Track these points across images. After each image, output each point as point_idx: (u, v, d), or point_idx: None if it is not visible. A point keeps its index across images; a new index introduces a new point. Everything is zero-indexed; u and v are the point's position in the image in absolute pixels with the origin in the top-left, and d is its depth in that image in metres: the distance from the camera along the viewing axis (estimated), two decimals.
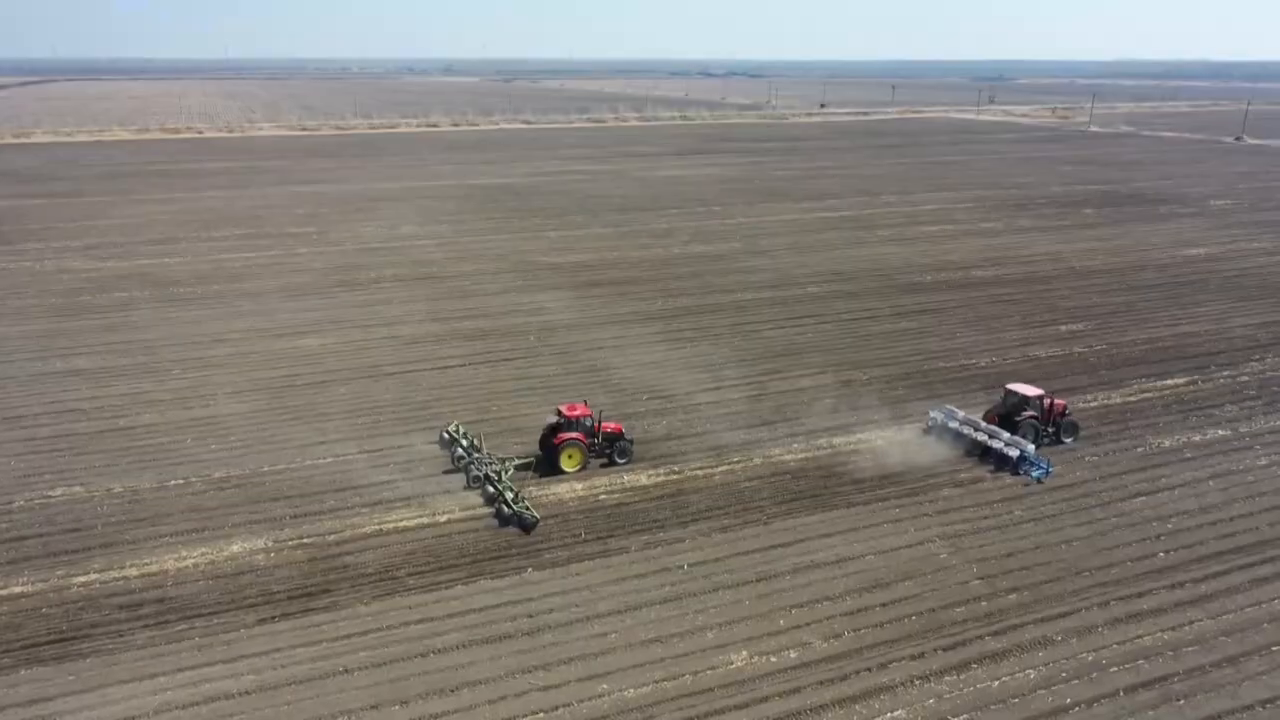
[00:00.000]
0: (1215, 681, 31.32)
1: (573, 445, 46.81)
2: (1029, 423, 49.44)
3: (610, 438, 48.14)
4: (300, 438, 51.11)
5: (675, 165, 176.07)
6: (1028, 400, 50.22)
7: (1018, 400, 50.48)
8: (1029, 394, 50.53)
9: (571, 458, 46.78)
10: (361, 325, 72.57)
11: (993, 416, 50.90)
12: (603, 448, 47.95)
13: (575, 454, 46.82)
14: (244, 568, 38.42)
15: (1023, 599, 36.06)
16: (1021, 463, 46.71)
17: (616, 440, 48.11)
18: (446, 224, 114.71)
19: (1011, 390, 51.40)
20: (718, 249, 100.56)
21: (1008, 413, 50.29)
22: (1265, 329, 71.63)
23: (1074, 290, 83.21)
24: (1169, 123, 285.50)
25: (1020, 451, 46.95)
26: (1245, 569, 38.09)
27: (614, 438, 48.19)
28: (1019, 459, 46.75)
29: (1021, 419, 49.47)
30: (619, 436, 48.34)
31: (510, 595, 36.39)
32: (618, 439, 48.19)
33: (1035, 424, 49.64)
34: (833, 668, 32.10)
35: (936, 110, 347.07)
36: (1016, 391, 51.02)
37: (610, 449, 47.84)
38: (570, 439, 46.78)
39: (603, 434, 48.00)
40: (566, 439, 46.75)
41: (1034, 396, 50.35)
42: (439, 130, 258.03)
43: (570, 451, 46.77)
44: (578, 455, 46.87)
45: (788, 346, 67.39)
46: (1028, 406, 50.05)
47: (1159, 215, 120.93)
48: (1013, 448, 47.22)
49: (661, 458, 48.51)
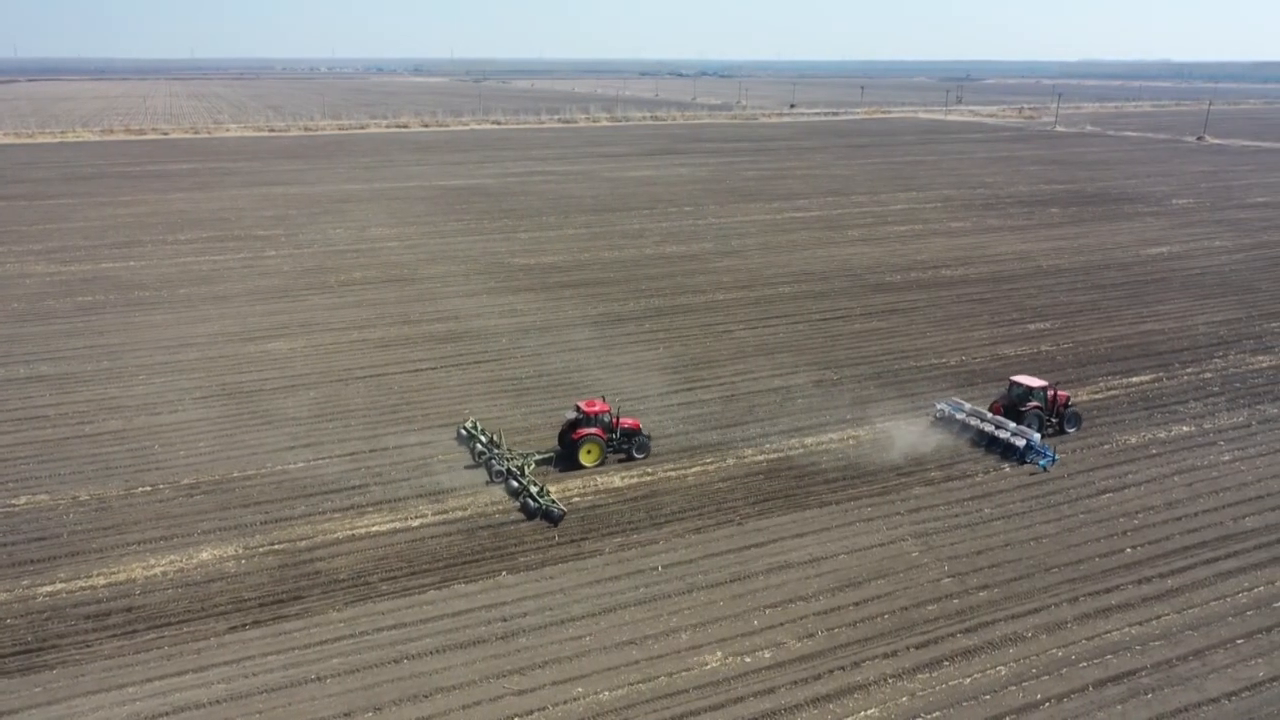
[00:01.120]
0: (1182, 675, 31.80)
1: (591, 441, 47.50)
2: (1033, 413, 50.86)
3: (628, 433, 49.00)
4: (270, 443, 50.65)
5: (646, 166, 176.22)
6: (1032, 391, 51.65)
7: (1023, 391, 51.85)
8: (1033, 385, 51.93)
9: (590, 453, 47.52)
10: (331, 328, 72.03)
11: (998, 407, 52.39)
12: (620, 443, 48.78)
13: (594, 449, 47.58)
14: (214, 575, 38.01)
15: (993, 596, 36.43)
16: (1028, 452, 48.06)
17: (634, 436, 48.99)
18: (416, 226, 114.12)
19: (1016, 381, 52.67)
20: (689, 249, 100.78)
21: (1012, 403, 51.75)
22: (1227, 326, 72.83)
23: (1040, 289, 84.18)
24: (1132, 122, 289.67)
25: (1027, 441, 48.36)
26: (1210, 563, 38.70)
27: (631, 433, 49.05)
28: (1025, 448, 48.11)
29: (1026, 409, 50.95)
30: (636, 432, 49.21)
31: (484, 599, 36.27)
32: (635, 434, 49.06)
33: (1040, 414, 51.05)
34: (807, 667, 32.26)
35: (905, 110, 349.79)
36: (1021, 383, 52.31)
37: (628, 444, 48.73)
38: (589, 434, 47.48)
39: (620, 430, 48.83)
40: (585, 434, 47.45)
41: (1038, 387, 51.83)
42: (408, 131, 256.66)
43: (589, 447, 47.48)
44: (596, 450, 47.63)
45: (759, 347, 67.65)
46: (1032, 397, 51.51)
47: (1123, 214, 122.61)
48: (1019, 437, 48.64)
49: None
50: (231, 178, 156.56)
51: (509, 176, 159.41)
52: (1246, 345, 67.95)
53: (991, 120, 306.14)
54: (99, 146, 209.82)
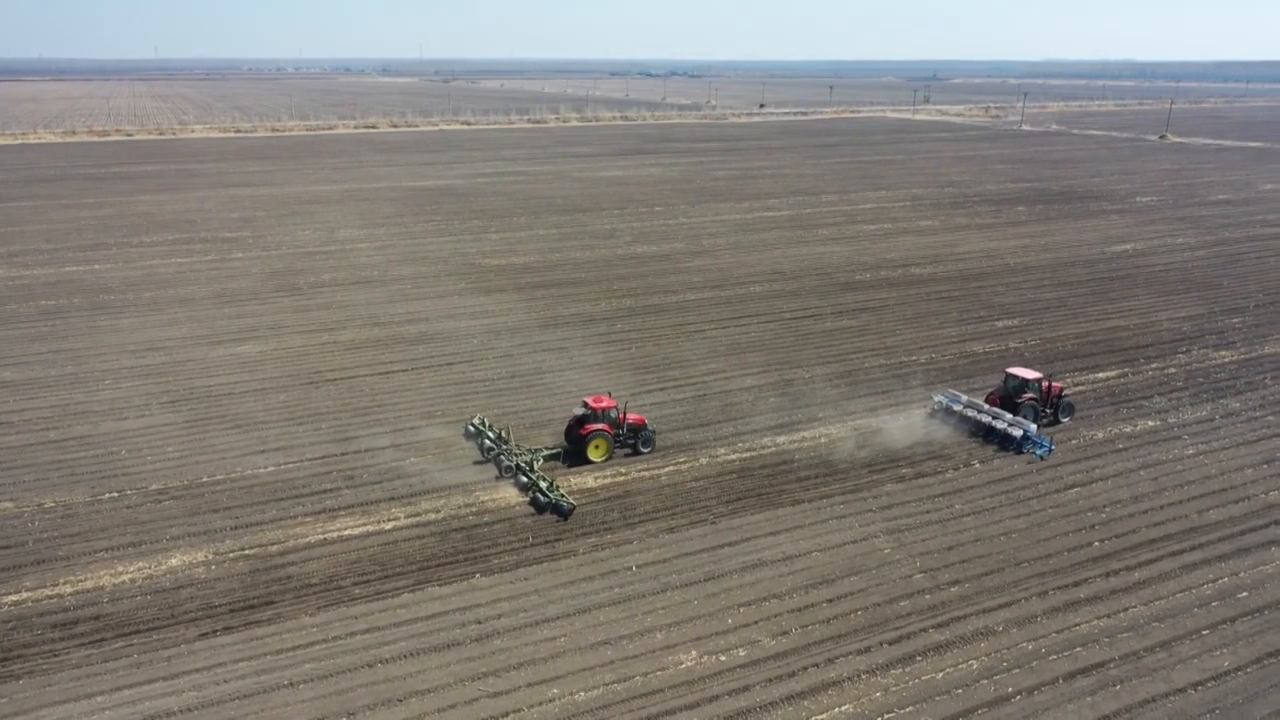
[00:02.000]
0: (1149, 666, 32.28)
1: (599, 436, 48.13)
2: (1029, 404, 51.79)
3: (634, 429, 49.64)
4: (240, 447, 50.16)
5: (617, 166, 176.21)
6: (1027, 383, 52.57)
7: (1018, 383, 52.80)
8: (1028, 377, 52.87)
9: (598, 448, 48.18)
10: (300, 331, 71.44)
11: (994, 398, 53.35)
12: (627, 438, 49.47)
13: (602, 444, 48.22)
14: (183, 581, 37.60)
15: (964, 591, 36.79)
16: (1025, 442, 49.05)
17: (640, 430, 49.61)
18: (386, 227, 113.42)
19: (1012, 374, 53.62)
20: (660, 249, 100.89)
21: (1008, 395, 52.66)
22: (1190, 322, 73.97)
23: (1008, 286, 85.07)
24: (1096, 121, 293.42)
25: (1024, 431, 49.26)
26: (1175, 556, 39.31)
27: (637, 428, 49.70)
28: (1023, 438, 49.08)
29: (1022, 401, 51.91)
30: (642, 427, 49.82)
31: (458, 602, 36.14)
32: (641, 429, 49.69)
33: (1035, 405, 52.03)
34: (781, 665, 32.42)
35: (873, 110, 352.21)
36: (1017, 375, 53.27)
37: (634, 439, 49.39)
38: (597, 430, 48.07)
39: (627, 425, 49.38)
40: (593, 430, 48.07)
41: (1033, 379, 52.73)
42: (377, 131, 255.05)
43: (597, 442, 48.12)
44: (604, 446, 48.26)
45: (731, 346, 67.86)
46: (1027, 389, 52.39)
47: (1088, 212, 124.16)
48: (1016, 428, 49.55)
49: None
50: (197, 179, 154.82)
51: (479, 177, 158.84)
52: (1209, 340, 69.05)
53: (959, 120, 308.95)
54: (61, 148, 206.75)
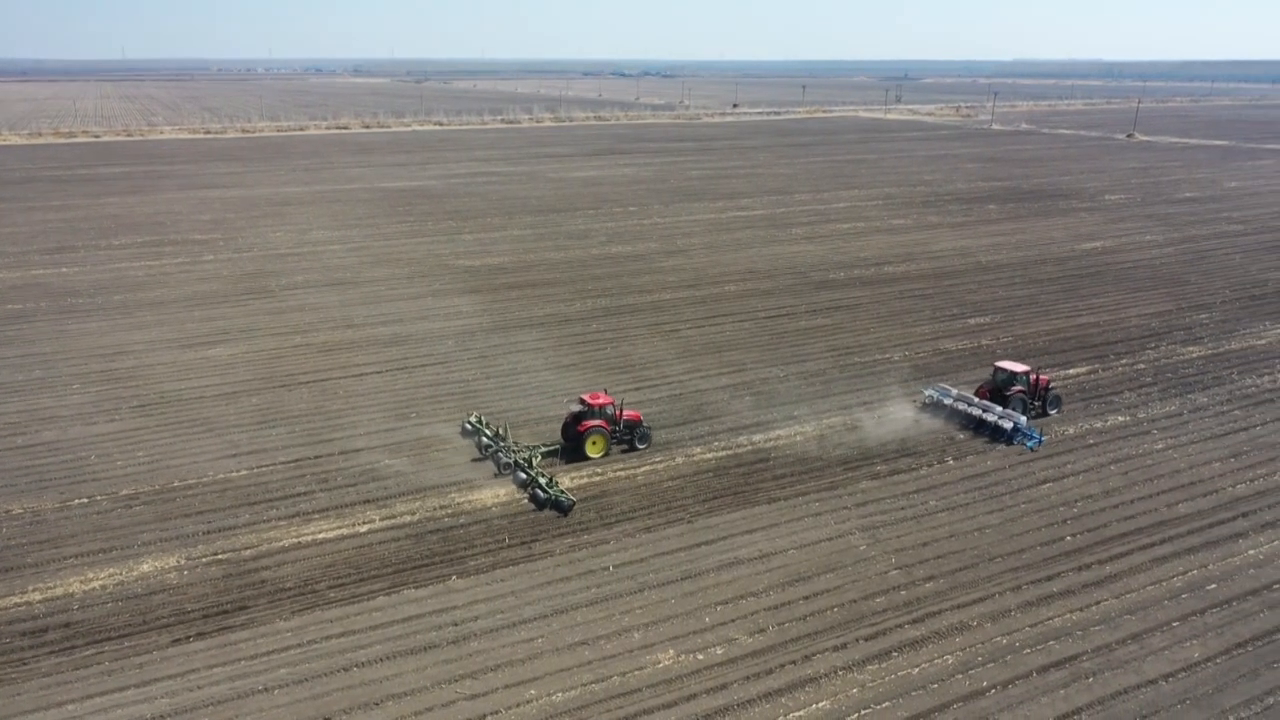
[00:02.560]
0: (1121, 659, 32.64)
1: (597, 432, 48.38)
2: (1018, 396, 52.61)
3: (630, 425, 49.84)
4: (212, 450, 49.67)
5: (591, 166, 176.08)
6: (1016, 375, 53.40)
7: (1007, 376, 53.63)
8: (1017, 370, 53.80)
9: (596, 444, 48.41)
10: (273, 333, 70.85)
11: (984, 391, 54.11)
12: (623, 434, 49.63)
13: (599, 440, 48.47)
14: (155, 587, 37.18)
15: (939, 586, 37.04)
16: (1015, 434, 49.83)
17: (636, 427, 49.85)
18: (358, 228, 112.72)
19: (1000, 367, 54.49)
20: (635, 249, 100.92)
21: (997, 387, 53.51)
22: (1158, 318, 74.90)
23: (980, 284, 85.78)
24: (1065, 120, 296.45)
25: (1014, 423, 50.07)
26: (1146, 549, 39.78)
27: (634, 425, 49.91)
28: (1013, 430, 49.88)
29: (1011, 393, 52.77)
30: (638, 423, 50.06)
31: (434, 604, 35.97)
32: (637, 426, 49.93)
33: (1024, 398, 52.83)
34: (758, 662, 32.51)
35: (846, 109, 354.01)
36: (1005, 368, 54.10)
37: (631, 435, 49.62)
38: (594, 426, 48.30)
39: (623, 421, 49.56)
40: (591, 426, 48.27)
41: (1021, 372, 53.57)
42: (349, 132, 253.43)
43: (595, 438, 48.35)
44: (601, 442, 48.51)
45: (706, 345, 67.98)
46: (1016, 381, 53.24)
47: (1058, 210, 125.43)
48: (1006, 420, 50.37)
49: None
50: (167, 181, 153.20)
51: (452, 178, 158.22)
52: (1177, 336, 69.95)
53: (930, 119, 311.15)
54: (27, 150, 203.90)
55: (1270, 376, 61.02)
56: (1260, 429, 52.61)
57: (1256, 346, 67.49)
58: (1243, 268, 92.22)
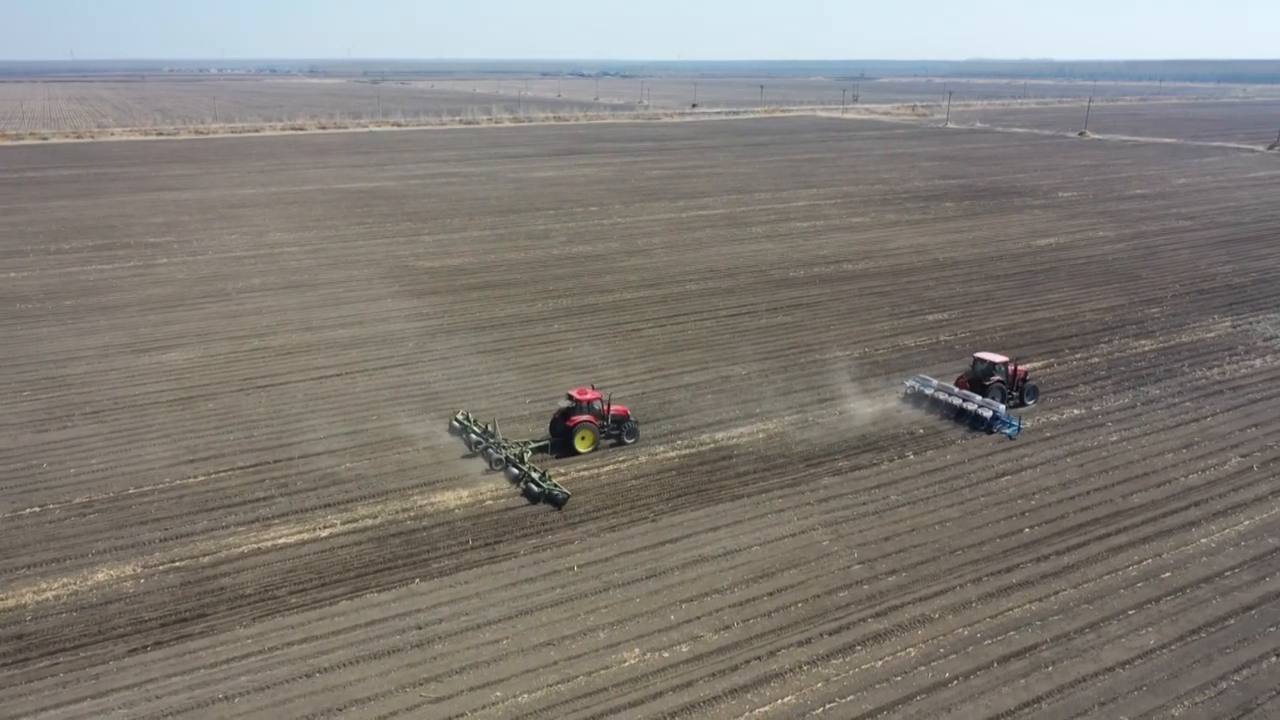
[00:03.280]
0: (1079, 647, 33.18)
1: (585, 428, 48.66)
2: (996, 386, 54.00)
3: (618, 419, 50.18)
4: (168, 457, 48.86)
5: (550, 166, 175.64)
6: (994, 366, 54.70)
7: (986, 366, 54.99)
8: (995, 360, 55.13)
9: (584, 439, 48.67)
10: (230, 337, 69.86)
11: (963, 381, 55.45)
12: (611, 429, 49.92)
13: (588, 435, 48.73)
14: (111, 596, 36.50)
15: (901, 580, 37.41)
16: (995, 422, 51.05)
17: (624, 422, 50.23)
18: (316, 230, 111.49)
19: (980, 358, 55.84)
20: (595, 249, 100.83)
21: (977, 378, 54.81)
22: (1111, 313, 76.24)
23: (938, 281, 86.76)
24: (1019, 119, 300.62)
25: (993, 412, 51.32)
26: (1102, 539, 40.48)
27: (621, 419, 50.26)
28: (992, 419, 51.10)
29: (990, 383, 54.10)
30: (625, 418, 50.43)
31: (397, 608, 35.67)
32: (625, 420, 50.31)
33: (1002, 387, 54.24)
34: (724, 659, 32.62)
35: (803, 109, 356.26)
36: (984, 359, 55.47)
37: (619, 430, 50.02)
38: (583, 421, 48.60)
39: (611, 416, 49.76)
40: (579, 421, 48.60)
41: (1000, 363, 54.88)
42: (305, 133, 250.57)
43: (583, 433, 48.61)
44: (590, 436, 48.78)
45: (668, 344, 68.10)
46: (995, 372, 54.55)
47: (1013, 207, 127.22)
48: (986, 409, 51.61)
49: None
50: (118, 183, 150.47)
51: (411, 179, 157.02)
52: (1129, 330, 71.25)
53: (887, 118, 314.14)
54: None
55: (1219, 368, 62.36)
56: (1210, 420, 53.75)
57: (1206, 339, 68.93)
58: (1191, 263, 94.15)
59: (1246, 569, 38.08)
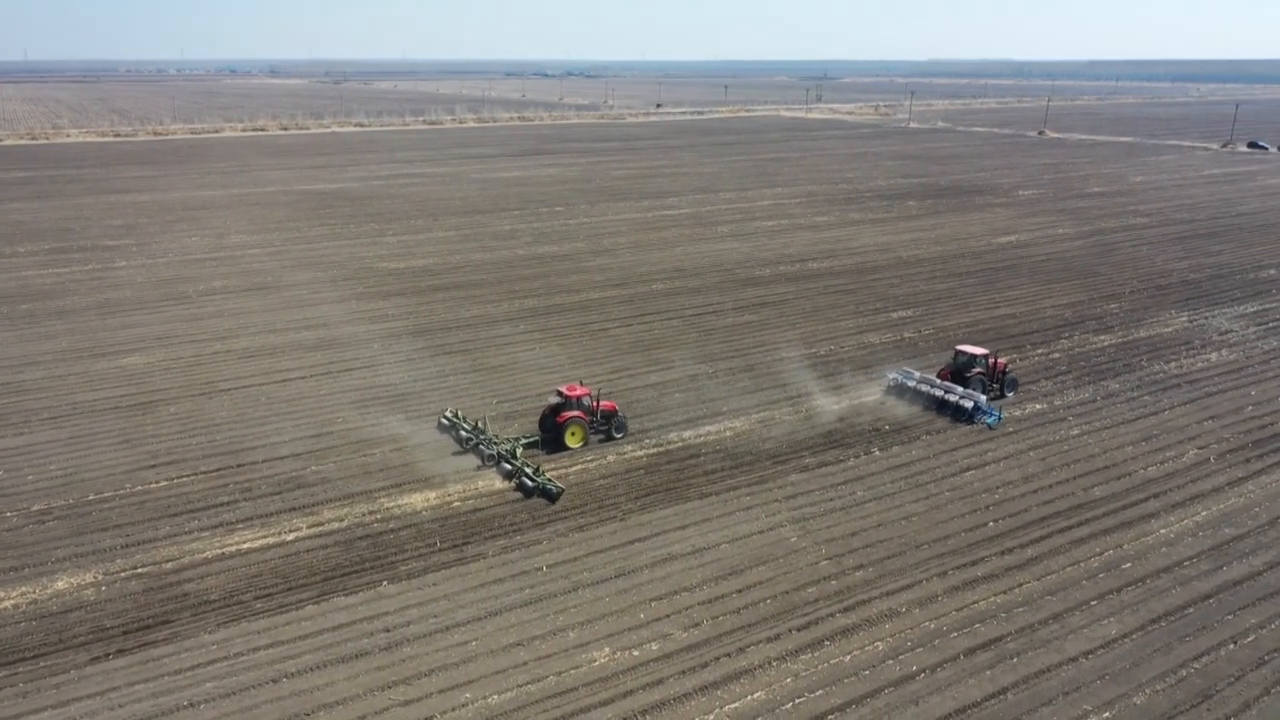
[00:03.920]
0: (1043, 638, 33.65)
1: (575, 423, 49.15)
2: (977, 378, 55.17)
3: (607, 415, 50.65)
4: (128, 462, 48.12)
5: (515, 167, 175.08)
6: (975, 358, 56.01)
7: (967, 359, 56.24)
8: (976, 353, 56.57)
9: (574, 434, 49.15)
10: (191, 340, 68.93)
11: (945, 373, 56.60)
12: (600, 424, 50.41)
13: (578, 431, 49.23)
14: (71, 605, 35.90)
15: (868, 575, 37.73)
16: (976, 413, 52.21)
17: (612, 417, 50.68)
18: (279, 232, 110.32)
19: (961, 350, 57.18)
20: (561, 249, 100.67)
21: (958, 370, 56.01)
22: (1071, 308, 77.36)
23: (902, 279, 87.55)
24: (980, 118, 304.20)
25: (974, 403, 52.43)
26: (1064, 531, 41.07)
27: (610, 415, 50.69)
28: (974, 409, 52.24)
29: (971, 375, 55.31)
30: (614, 413, 50.86)
31: (365, 611, 35.40)
32: (613, 415, 50.77)
33: (983, 379, 55.38)
34: (694, 656, 32.71)
35: (768, 109, 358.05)
36: (966, 351, 56.86)
37: (608, 425, 50.54)
38: (573, 417, 49.04)
39: (600, 411, 50.14)
40: (569, 417, 48.99)
41: (981, 355, 56.27)
42: (266, 134, 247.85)
43: (574, 429, 49.09)
44: (580, 432, 49.29)
45: (635, 344, 68.14)
46: (976, 364, 55.79)
47: (974, 205, 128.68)
48: (968, 399, 52.73)
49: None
50: (75, 185, 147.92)
51: (374, 180, 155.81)
52: (1089, 326, 72.35)
53: (850, 118, 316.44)
54: None
55: (1176, 362, 63.49)
56: (1169, 413, 54.71)
57: (1163, 334, 70.16)
58: (1149, 259, 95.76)
59: (1204, 558, 38.82)
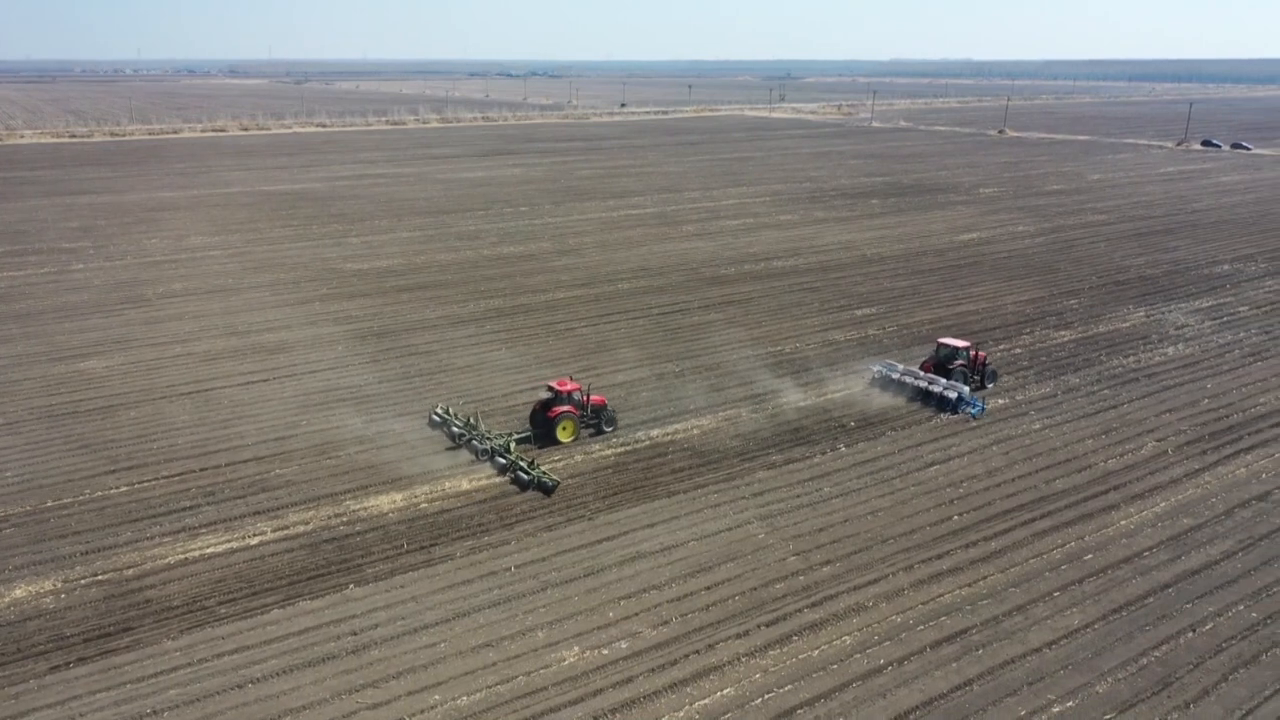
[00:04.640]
0: (1008, 630, 34.08)
1: (566, 418, 49.53)
2: (959, 370, 56.38)
3: (597, 409, 51.09)
4: (87, 468, 47.33)
5: (480, 167, 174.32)
6: (957, 351, 57.13)
7: (949, 351, 57.43)
8: (958, 345, 57.67)
9: (566, 429, 49.53)
10: (151, 344, 67.92)
11: (928, 365, 57.64)
12: (590, 419, 50.84)
13: (569, 425, 49.60)
14: (30, 613, 35.24)
15: (836, 570, 37.99)
16: (960, 403, 53.27)
17: (602, 411, 51.19)
18: (240, 233, 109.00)
19: (943, 343, 58.46)
20: (526, 249, 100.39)
21: (940, 362, 57.13)
22: (1032, 304, 78.41)
23: (865, 276, 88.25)
24: (941, 118, 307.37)
25: (958, 394, 53.51)
26: (1027, 524, 41.63)
27: (600, 409, 51.15)
28: (958, 400, 53.33)
29: (954, 367, 56.49)
30: (603, 407, 51.41)
31: (331, 614, 35.09)
32: (603, 410, 51.27)
33: (965, 371, 56.58)
34: (663, 654, 32.76)
35: (732, 108, 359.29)
36: (948, 343, 58.07)
37: (598, 419, 50.97)
38: (564, 412, 49.45)
39: (591, 406, 50.47)
40: (560, 412, 49.40)
41: (963, 347, 57.39)
42: (226, 135, 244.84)
43: (565, 424, 49.48)
44: (571, 426, 49.66)
45: (601, 344, 68.11)
46: (958, 356, 56.96)
47: (936, 203, 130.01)
48: (951, 390, 53.80)
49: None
50: (29, 187, 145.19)
51: (337, 180, 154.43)
52: (1049, 321, 73.36)
53: (813, 117, 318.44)
54: None
55: (1135, 357, 64.56)
56: (1128, 406, 55.62)
57: (1122, 329, 71.31)
58: (1107, 255, 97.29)
59: (1163, 549, 39.51)
